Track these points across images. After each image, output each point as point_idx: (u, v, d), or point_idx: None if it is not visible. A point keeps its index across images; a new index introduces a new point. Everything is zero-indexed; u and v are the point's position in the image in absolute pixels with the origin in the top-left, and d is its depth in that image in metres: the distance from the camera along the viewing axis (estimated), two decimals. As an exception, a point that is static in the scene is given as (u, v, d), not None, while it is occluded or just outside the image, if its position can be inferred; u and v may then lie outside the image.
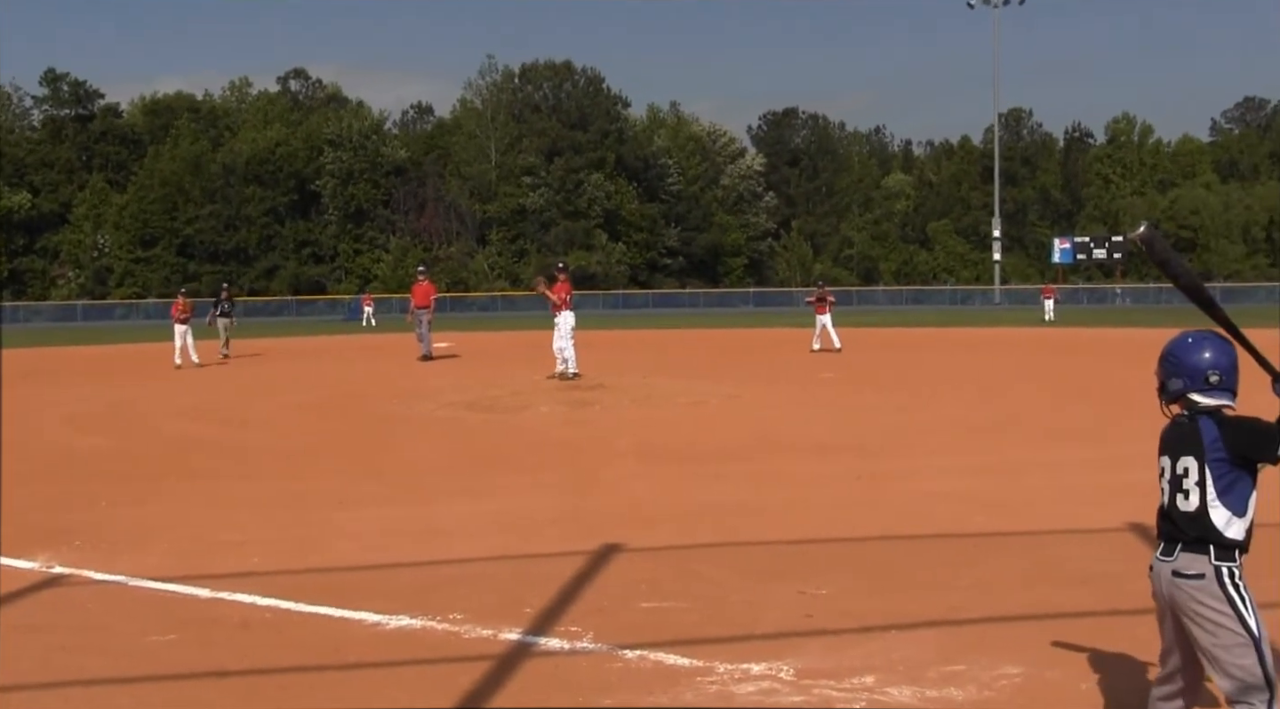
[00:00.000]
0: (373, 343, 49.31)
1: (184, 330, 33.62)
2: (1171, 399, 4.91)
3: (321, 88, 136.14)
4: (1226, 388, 4.80)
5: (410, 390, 24.78)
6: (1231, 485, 4.66)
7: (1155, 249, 5.02)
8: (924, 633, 7.25)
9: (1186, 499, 4.71)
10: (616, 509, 11.54)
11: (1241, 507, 4.67)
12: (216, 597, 8.38)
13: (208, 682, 6.69)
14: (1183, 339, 4.94)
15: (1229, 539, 4.64)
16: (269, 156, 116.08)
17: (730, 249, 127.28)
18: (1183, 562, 4.70)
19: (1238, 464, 4.66)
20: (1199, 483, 4.68)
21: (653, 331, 56.49)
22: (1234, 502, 4.66)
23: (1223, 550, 4.65)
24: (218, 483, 13.68)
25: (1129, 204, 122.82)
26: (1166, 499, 4.82)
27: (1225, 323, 4.99)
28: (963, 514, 10.85)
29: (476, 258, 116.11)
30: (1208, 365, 4.80)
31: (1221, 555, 4.64)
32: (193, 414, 21.57)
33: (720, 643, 7.12)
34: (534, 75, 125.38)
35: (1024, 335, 46.97)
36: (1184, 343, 4.92)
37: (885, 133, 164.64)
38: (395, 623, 7.62)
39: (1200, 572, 4.65)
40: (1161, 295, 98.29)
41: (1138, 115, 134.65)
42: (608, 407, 21.08)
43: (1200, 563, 4.66)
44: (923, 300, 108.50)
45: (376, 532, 10.64)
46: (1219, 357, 4.82)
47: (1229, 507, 4.65)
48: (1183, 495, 4.73)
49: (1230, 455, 4.66)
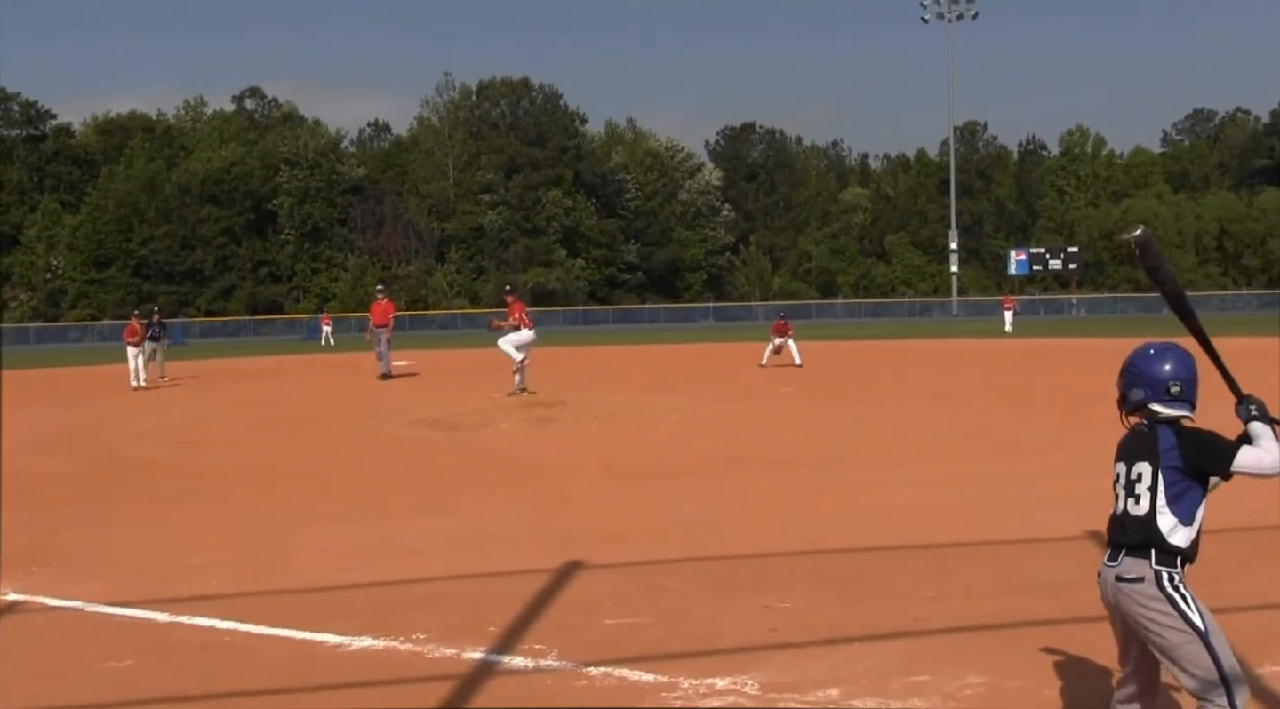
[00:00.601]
0: (332, 362, 49.09)
1: (136, 353, 33.34)
2: (1132, 409, 5.02)
3: (277, 106, 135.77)
4: (1186, 399, 4.90)
5: (370, 409, 24.66)
6: (1181, 494, 4.75)
7: (1149, 253, 5.15)
8: (888, 644, 7.25)
9: (1137, 503, 4.81)
10: (579, 525, 11.51)
11: (1189, 516, 4.76)
12: (176, 620, 8.31)
13: (167, 707, 6.63)
14: (1145, 350, 5.04)
15: (1171, 545, 4.73)
16: (224, 176, 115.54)
17: (689, 264, 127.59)
18: (1125, 566, 4.80)
19: (1190, 474, 4.76)
20: (1150, 488, 4.78)
21: (613, 347, 56.48)
22: (1182, 510, 4.75)
23: (1164, 555, 4.74)
24: (177, 505, 13.56)
25: (1083, 215, 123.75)
26: (1120, 505, 4.90)
27: (1200, 336, 5.12)
28: (925, 525, 10.88)
29: (435, 275, 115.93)
30: (1169, 377, 4.90)
31: (1162, 560, 4.74)
32: (151, 436, 21.42)
33: (684, 658, 7.10)
34: (491, 92, 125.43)
35: (984, 347, 47.19)
36: (1146, 354, 5.01)
37: (843, 147, 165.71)
38: (358, 644, 7.57)
39: (1140, 575, 4.75)
40: (1117, 305, 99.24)
41: (1090, 127, 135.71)
42: (570, 423, 21.04)
43: (1141, 567, 4.76)
44: (881, 313, 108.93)
45: (338, 551, 10.57)
46: (1180, 368, 4.92)
47: (1176, 514, 4.75)
48: (1134, 500, 4.83)
49: (1184, 465, 4.75)
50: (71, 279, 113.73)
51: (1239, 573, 8.70)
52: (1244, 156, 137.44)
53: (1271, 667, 6.65)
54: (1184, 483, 4.75)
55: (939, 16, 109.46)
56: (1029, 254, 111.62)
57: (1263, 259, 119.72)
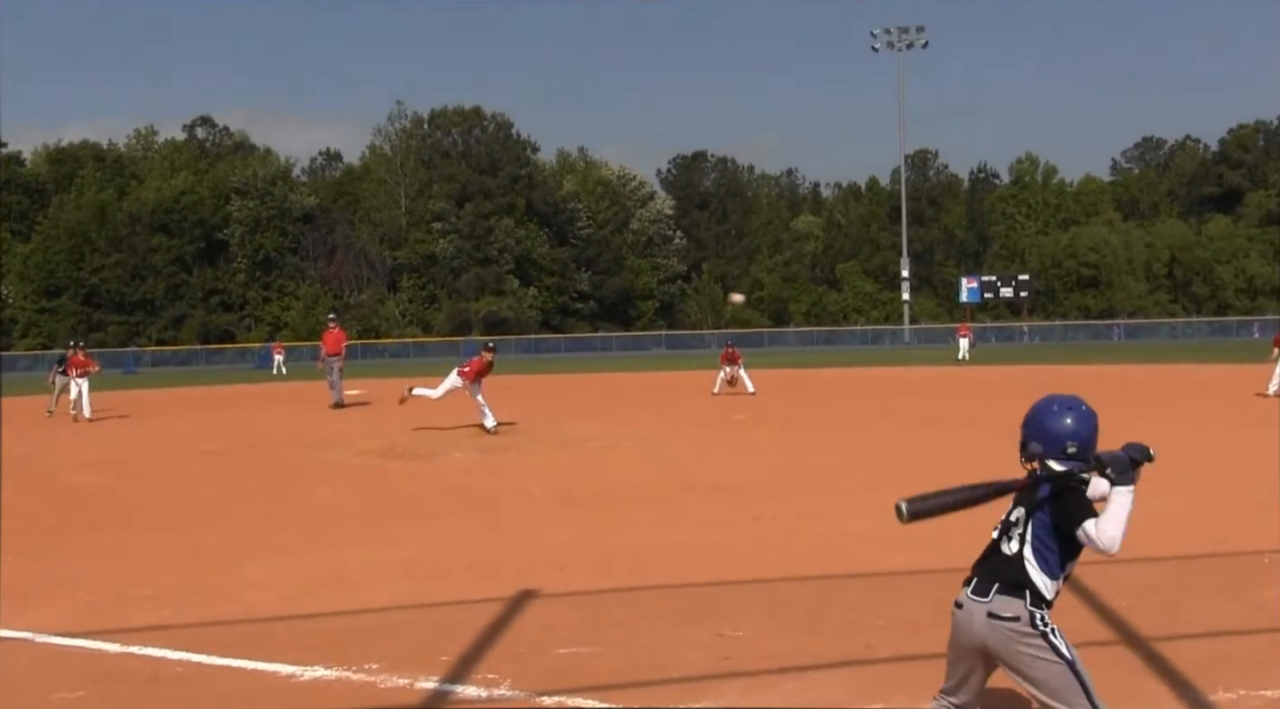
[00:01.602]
0: (283, 391, 48.82)
1: (83, 383, 32.90)
2: (1029, 459, 5.09)
3: (228, 135, 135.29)
4: (1082, 458, 4.92)
5: (322, 438, 24.56)
6: (1047, 546, 4.84)
7: (922, 515, 5.26)
8: (841, 672, 7.28)
9: (1009, 543, 4.92)
10: (531, 554, 11.50)
11: (1053, 570, 4.85)
12: (126, 651, 8.24)
13: (118, 739, 6.58)
14: (1048, 405, 5.11)
15: (1040, 592, 4.82)
16: (175, 205, 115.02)
17: (641, 292, 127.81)
18: (998, 604, 4.87)
19: (1056, 532, 4.82)
20: (1021, 534, 4.89)
21: (565, 376, 56.42)
22: (1047, 563, 4.85)
23: (1036, 598, 4.82)
24: (126, 535, 13.46)
25: (1034, 243, 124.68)
26: (995, 539, 5.02)
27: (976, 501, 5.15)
28: (876, 553, 10.92)
29: (387, 304, 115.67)
30: (1067, 435, 4.96)
31: (1035, 601, 4.81)
32: (99, 466, 21.23)
33: (638, 687, 7.11)
34: (443, 121, 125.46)
35: (936, 374, 47.38)
36: (1049, 409, 5.09)
37: (795, 175, 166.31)
38: (310, 674, 7.53)
39: (1016, 615, 4.82)
40: (1068, 333, 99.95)
41: (1041, 156, 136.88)
42: (521, 452, 21.00)
43: (1016, 606, 4.83)
44: (834, 341, 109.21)
45: (289, 582, 10.52)
46: (1080, 428, 4.97)
47: (1042, 565, 4.84)
48: (1008, 540, 4.94)
49: (1051, 522, 4.83)
50: (22, 308, 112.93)
51: (1192, 601, 8.78)
52: (1193, 184, 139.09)
53: (1224, 693, 6.71)
54: (1051, 539, 4.83)
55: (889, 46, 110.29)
56: (980, 282, 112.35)
57: (1211, 286, 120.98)
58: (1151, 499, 12.24)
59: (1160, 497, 12.98)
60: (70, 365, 33.81)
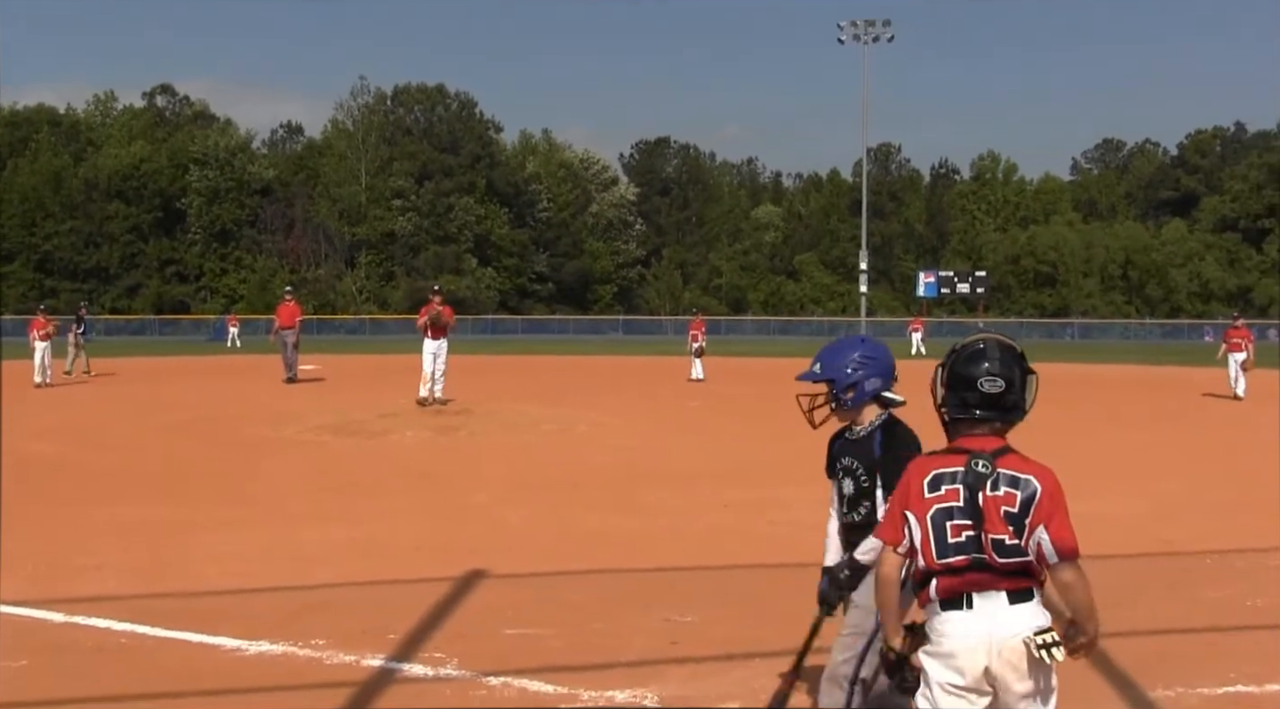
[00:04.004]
0: (237, 364, 48.58)
1: (44, 348, 32.73)
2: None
3: (189, 104, 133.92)
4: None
5: (275, 413, 24.44)
6: None
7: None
8: (787, 661, 7.29)
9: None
10: (480, 535, 11.50)
11: None
12: (71, 621, 8.20)
13: None
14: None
15: None
16: (133, 173, 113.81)
17: (600, 276, 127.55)
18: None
19: None
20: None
21: (522, 357, 56.36)
22: None
23: None
24: (74, 506, 13.36)
25: (991, 240, 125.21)
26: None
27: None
28: (826, 543, 10.95)
29: (344, 280, 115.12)
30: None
31: None
32: (50, 434, 21.07)
33: (584, 670, 7.12)
34: (406, 98, 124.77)
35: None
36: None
37: (757, 164, 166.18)
38: (256, 649, 7.51)
39: None
40: (1022, 330, 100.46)
41: (1002, 153, 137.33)
42: (474, 432, 21.00)
43: None
44: (790, 331, 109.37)
45: (237, 556, 10.48)
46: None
47: None
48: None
49: None
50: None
51: (1135, 599, 8.86)
52: (1150, 187, 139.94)
53: (1164, 691, 6.78)
54: None
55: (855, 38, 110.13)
56: (938, 277, 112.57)
57: (1165, 289, 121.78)
58: (1100, 500, 12.37)
59: (1109, 497, 13.11)
60: (32, 327, 33.73)
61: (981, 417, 4.26)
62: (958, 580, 4.12)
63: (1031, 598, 4.11)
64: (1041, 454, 4.22)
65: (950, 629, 4.12)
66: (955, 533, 4.13)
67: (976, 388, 4.26)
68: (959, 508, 4.13)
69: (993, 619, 4.07)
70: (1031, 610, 4.10)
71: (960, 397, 4.30)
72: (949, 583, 4.13)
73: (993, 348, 4.35)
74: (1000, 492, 4.09)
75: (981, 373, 4.27)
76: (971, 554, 4.10)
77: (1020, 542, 4.05)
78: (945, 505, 4.16)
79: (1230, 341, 30.37)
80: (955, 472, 4.18)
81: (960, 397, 4.30)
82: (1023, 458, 4.19)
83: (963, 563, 4.11)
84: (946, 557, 4.13)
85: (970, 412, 4.28)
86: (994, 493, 4.10)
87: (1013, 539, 4.05)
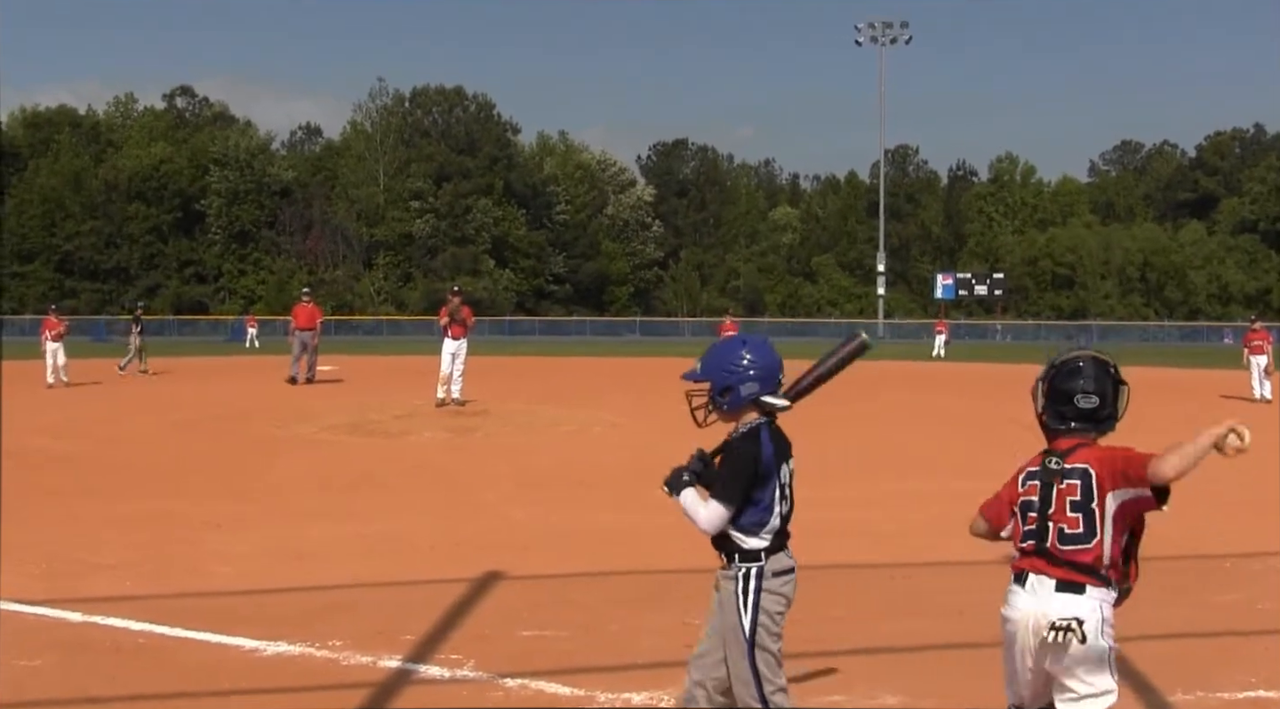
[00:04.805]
0: (255, 364, 48.65)
1: (56, 348, 32.79)
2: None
3: (208, 106, 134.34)
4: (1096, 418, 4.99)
5: (290, 413, 24.47)
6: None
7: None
8: (802, 663, 7.29)
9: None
10: (497, 536, 11.50)
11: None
12: (88, 620, 8.22)
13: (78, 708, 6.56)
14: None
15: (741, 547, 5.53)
16: (153, 173, 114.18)
17: (617, 278, 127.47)
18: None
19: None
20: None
21: (538, 359, 56.37)
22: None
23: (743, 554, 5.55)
24: (89, 503, 13.38)
25: (1009, 242, 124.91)
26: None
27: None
28: (835, 545, 10.92)
29: (362, 281, 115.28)
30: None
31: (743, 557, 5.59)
32: (64, 432, 21.12)
33: (601, 672, 7.13)
34: (424, 100, 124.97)
35: (908, 369, 47.46)
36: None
37: (774, 165, 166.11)
38: (273, 649, 7.53)
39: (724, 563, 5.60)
40: (1040, 332, 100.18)
41: (1020, 155, 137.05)
42: (490, 433, 21.02)
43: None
44: (807, 333, 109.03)
45: (254, 556, 10.50)
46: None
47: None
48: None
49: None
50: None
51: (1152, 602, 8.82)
52: (1169, 189, 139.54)
53: (1183, 694, 6.76)
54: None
55: (872, 40, 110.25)
56: (955, 279, 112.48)
57: (1184, 291, 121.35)
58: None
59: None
60: (44, 327, 33.78)
61: (1076, 428, 4.83)
62: (1025, 561, 4.75)
63: (1082, 591, 4.60)
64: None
65: (1011, 600, 4.73)
66: (1030, 522, 4.76)
67: (1073, 403, 4.84)
68: (1035, 501, 4.76)
69: (1036, 598, 4.62)
70: (1073, 601, 4.58)
71: (1058, 410, 4.87)
72: (1019, 563, 4.78)
73: (1089, 365, 4.90)
74: (1064, 484, 4.70)
75: (1077, 389, 4.84)
76: (1037, 541, 4.72)
77: (1086, 530, 4.64)
78: (1027, 498, 4.80)
79: (1251, 344, 30.47)
80: (1036, 470, 4.82)
81: (1058, 410, 4.87)
82: (1090, 448, 4.78)
83: (1030, 547, 4.75)
84: (1024, 541, 4.77)
85: (1066, 423, 4.86)
86: (1062, 485, 4.71)
87: (1074, 528, 4.65)
